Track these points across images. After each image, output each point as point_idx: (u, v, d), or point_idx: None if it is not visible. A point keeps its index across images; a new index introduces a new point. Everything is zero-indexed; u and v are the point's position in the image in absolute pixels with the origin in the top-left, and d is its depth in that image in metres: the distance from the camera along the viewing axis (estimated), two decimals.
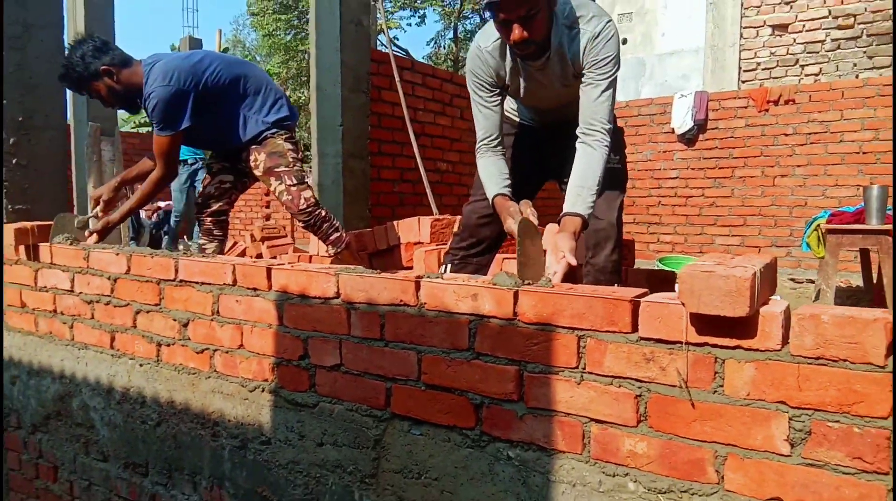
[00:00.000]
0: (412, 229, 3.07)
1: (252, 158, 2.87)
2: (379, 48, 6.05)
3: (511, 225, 1.94)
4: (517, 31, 1.85)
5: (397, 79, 4.57)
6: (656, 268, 3.31)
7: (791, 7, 7.11)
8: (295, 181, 2.80)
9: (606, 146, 1.94)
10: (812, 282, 5.18)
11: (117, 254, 2.08)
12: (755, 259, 1.18)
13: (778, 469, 1.08)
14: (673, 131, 6.99)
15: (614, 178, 2.15)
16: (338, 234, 2.91)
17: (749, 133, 6.59)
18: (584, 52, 1.95)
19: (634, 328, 1.20)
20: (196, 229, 3.20)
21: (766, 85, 7.13)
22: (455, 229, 2.36)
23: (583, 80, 1.98)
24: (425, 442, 1.48)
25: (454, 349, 1.43)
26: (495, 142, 2.11)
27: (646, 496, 1.20)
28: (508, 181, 2.08)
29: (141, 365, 2.05)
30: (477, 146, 2.16)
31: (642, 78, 18.96)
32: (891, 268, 3.18)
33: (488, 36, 2.06)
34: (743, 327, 1.08)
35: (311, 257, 3.90)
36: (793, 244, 6.31)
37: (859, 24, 7.01)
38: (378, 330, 1.54)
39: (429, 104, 5.18)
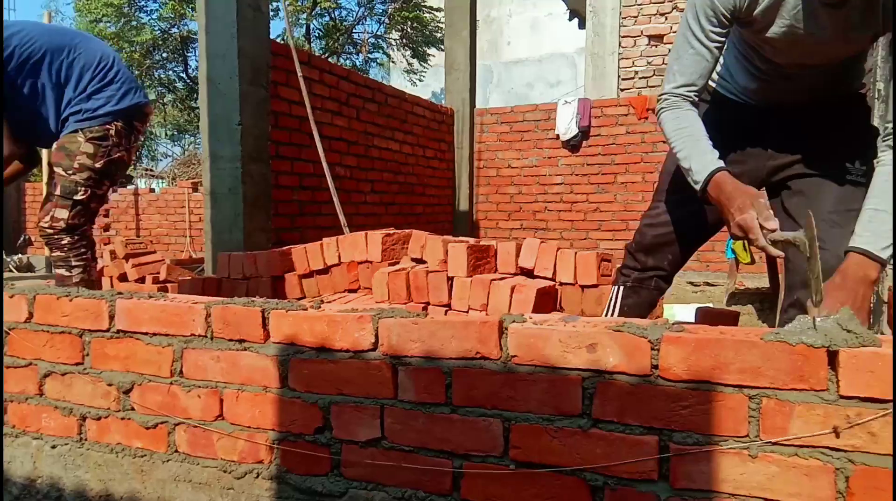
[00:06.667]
0: (357, 246, 2.65)
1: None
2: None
3: (760, 235, 1.35)
4: None
5: (299, 73, 4.07)
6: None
7: (666, 18, 7.46)
8: (59, 192, 2.25)
9: None
10: (710, 285, 5.39)
11: (11, 296, 1.50)
12: None
13: None
14: (558, 137, 7.03)
15: (856, 196, 1.49)
16: (70, 273, 2.31)
17: (630, 140, 6.78)
18: None
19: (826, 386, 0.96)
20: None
21: (643, 93, 7.41)
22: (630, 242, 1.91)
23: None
24: None
25: (560, 416, 1.10)
26: (695, 94, 1.55)
27: None
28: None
29: (53, 447, 1.49)
30: (663, 96, 1.59)
31: (490, 85, 19.39)
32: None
33: None
34: None
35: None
36: None
37: None
38: (442, 392, 1.18)
39: (326, 103, 4.72)
